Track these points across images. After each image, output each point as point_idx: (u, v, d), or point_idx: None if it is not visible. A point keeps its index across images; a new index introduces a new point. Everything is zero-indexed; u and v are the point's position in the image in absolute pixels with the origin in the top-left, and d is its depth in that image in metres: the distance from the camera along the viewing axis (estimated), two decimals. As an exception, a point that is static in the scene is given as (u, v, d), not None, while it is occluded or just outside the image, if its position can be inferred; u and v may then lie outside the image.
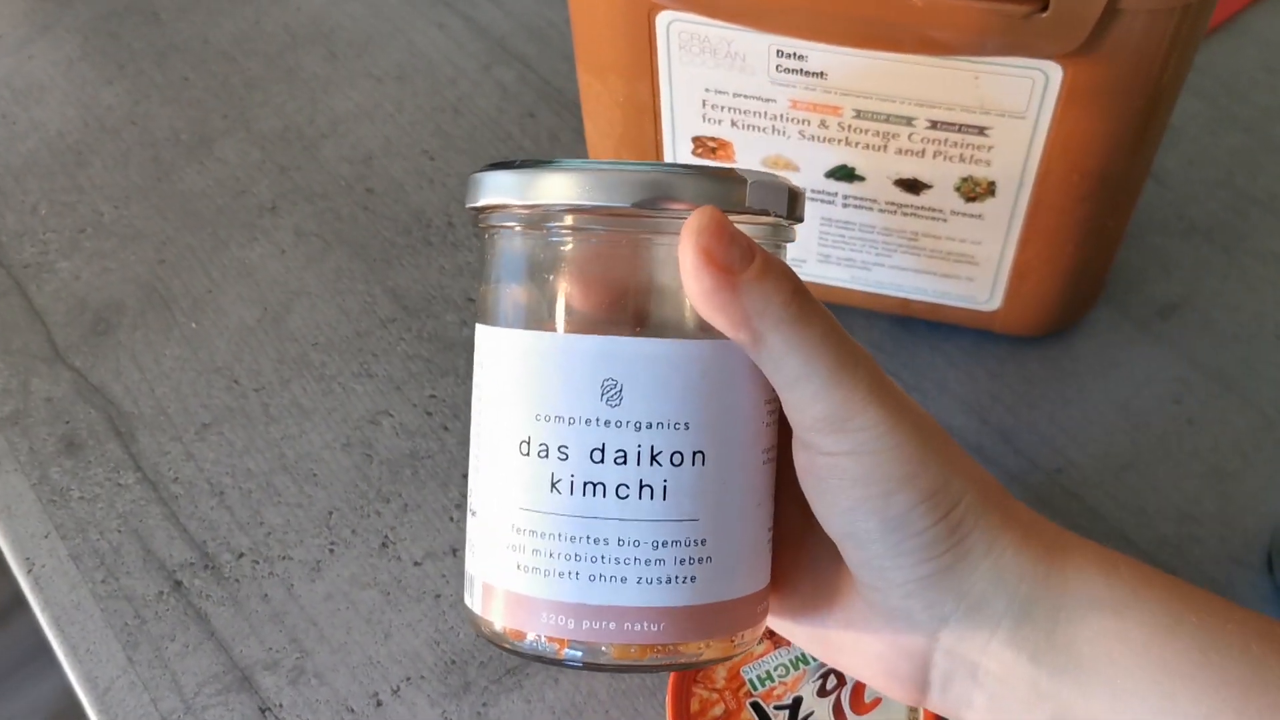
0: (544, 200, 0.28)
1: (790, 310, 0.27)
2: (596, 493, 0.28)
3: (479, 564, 0.30)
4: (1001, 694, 0.29)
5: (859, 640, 0.31)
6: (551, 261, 0.29)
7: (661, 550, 0.28)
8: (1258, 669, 0.27)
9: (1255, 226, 0.56)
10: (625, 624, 0.28)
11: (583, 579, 0.28)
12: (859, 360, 0.28)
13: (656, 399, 0.28)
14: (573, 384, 0.28)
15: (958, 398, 0.51)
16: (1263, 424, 0.49)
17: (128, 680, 0.45)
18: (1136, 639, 0.28)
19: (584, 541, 0.28)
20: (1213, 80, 0.61)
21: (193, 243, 0.57)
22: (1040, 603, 0.29)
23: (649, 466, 0.28)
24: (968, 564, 0.29)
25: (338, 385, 0.52)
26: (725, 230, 0.27)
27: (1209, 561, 0.46)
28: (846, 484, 0.28)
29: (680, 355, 0.28)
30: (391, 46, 0.65)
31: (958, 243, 0.46)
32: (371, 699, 0.44)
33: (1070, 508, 0.47)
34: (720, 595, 0.29)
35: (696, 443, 0.28)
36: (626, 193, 0.28)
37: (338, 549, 0.47)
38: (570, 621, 0.29)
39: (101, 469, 0.50)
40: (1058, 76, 0.39)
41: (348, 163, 0.60)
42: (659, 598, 0.28)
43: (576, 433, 0.28)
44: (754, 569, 0.30)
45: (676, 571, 0.28)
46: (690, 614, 0.29)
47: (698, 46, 0.42)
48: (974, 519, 0.29)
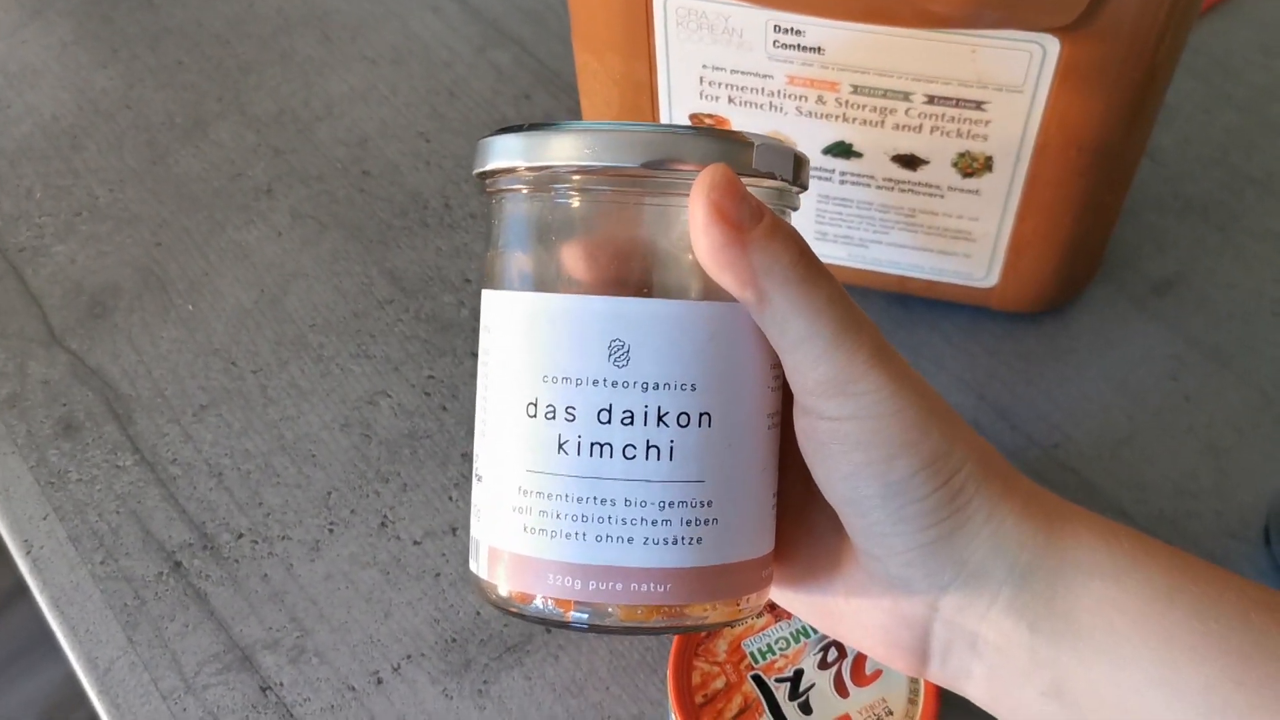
0: (551, 161, 0.28)
1: (797, 271, 0.27)
2: (603, 453, 0.28)
3: (485, 528, 0.30)
4: (1000, 664, 0.29)
5: (860, 611, 0.31)
6: (559, 223, 0.29)
7: (668, 511, 0.28)
8: (1258, 638, 0.27)
9: (1250, 205, 0.56)
10: (632, 584, 0.28)
11: (589, 539, 0.28)
12: (863, 325, 0.28)
13: (664, 360, 0.28)
14: (580, 345, 0.28)
15: (955, 374, 0.51)
16: (1259, 400, 0.50)
17: (128, 660, 0.45)
18: (1135, 607, 0.28)
19: (591, 502, 0.28)
20: (1208, 60, 0.62)
21: (189, 225, 0.57)
22: (1040, 571, 0.29)
23: (656, 427, 0.28)
24: (968, 531, 0.29)
25: (335, 366, 0.52)
26: (736, 187, 0.27)
27: (1206, 536, 0.46)
28: (848, 449, 0.28)
29: (688, 316, 0.28)
30: (386, 29, 0.65)
31: (955, 219, 0.47)
32: (372, 677, 0.44)
33: (1067, 483, 0.48)
34: (726, 558, 0.29)
35: (703, 404, 0.28)
36: (634, 153, 0.28)
37: (337, 529, 0.47)
38: (577, 582, 0.29)
39: (99, 451, 0.50)
40: (1055, 50, 0.39)
41: (343, 145, 0.60)
42: (665, 558, 0.28)
43: (584, 393, 0.28)
44: (759, 533, 0.30)
45: (683, 533, 0.29)
46: (696, 575, 0.29)
47: (695, 23, 0.42)
48: (975, 486, 0.29)
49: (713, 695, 0.37)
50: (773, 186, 0.30)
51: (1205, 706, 0.27)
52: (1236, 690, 0.27)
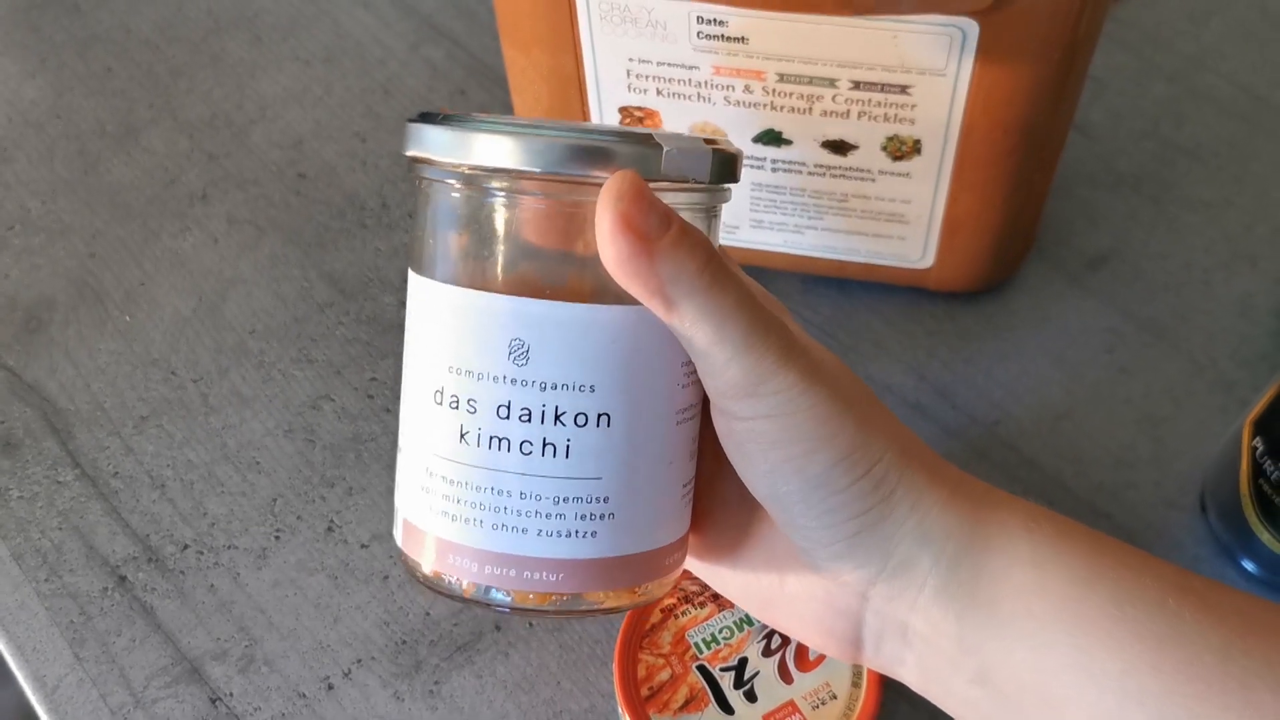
0: (467, 160, 0.28)
1: (703, 279, 0.28)
2: (501, 447, 0.29)
3: (402, 499, 0.31)
4: (929, 653, 0.30)
5: (795, 601, 0.31)
6: (472, 219, 0.30)
7: (562, 505, 0.29)
8: (1174, 623, 0.28)
9: (1182, 175, 0.57)
10: (525, 572, 0.29)
11: (486, 526, 0.29)
12: (770, 326, 0.28)
13: (562, 362, 0.29)
14: (483, 341, 0.29)
15: (895, 356, 0.51)
16: (1193, 370, 0.50)
17: (76, 677, 0.44)
18: (1054, 592, 0.28)
19: (488, 492, 0.29)
20: (1137, 32, 0.62)
21: (123, 235, 0.57)
22: (965, 560, 0.29)
23: (553, 425, 0.29)
24: (892, 522, 0.29)
25: (277, 372, 0.52)
26: (643, 196, 0.27)
27: (1144, 506, 0.47)
28: (764, 447, 0.29)
29: (589, 320, 0.29)
30: (317, 28, 0.65)
31: (887, 202, 0.47)
32: (323, 683, 0.44)
33: (1008, 459, 0.48)
34: (623, 550, 0.30)
35: (602, 405, 0.29)
36: (542, 159, 0.28)
37: (283, 536, 0.47)
38: (473, 565, 0.29)
39: (39, 467, 0.49)
40: (974, 33, 0.39)
41: (278, 148, 0.60)
42: (558, 550, 0.29)
43: (485, 388, 0.29)
44: (663, 524, 0.31)
45: (577, 526, 0.29)
46: (590, 566, 0.30)
47: (618, 16, 0.42)
48: (897, 476, 0.29)
49: (659, 687, 0.37)
50: (689, 190, 0.30)
51: (1121, 691, 0.27)
52: (1153, 675, 0.27)
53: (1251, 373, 0.50)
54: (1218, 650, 0.27)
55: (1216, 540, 0.46)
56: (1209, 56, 0.61)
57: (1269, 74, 0.60)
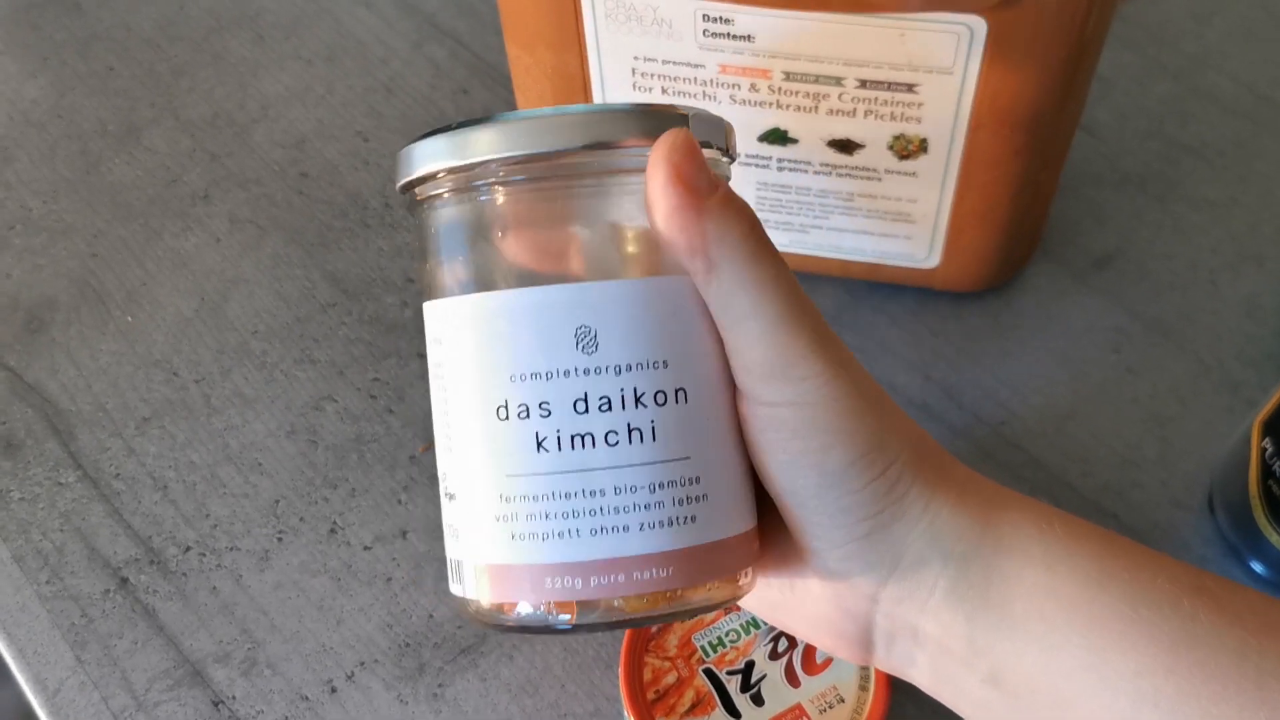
0: (484, 157, 0.28)
1: (748, 245, 0.27)
2: (585, 444, 0.27)
3: (465, 548, 0.29)
4: (941, 654, 0.30)
5: (804, 603, 0.31)
6: (499, 220, 0.29)
7: (659, 493, 0.28)
8: (1188, 624, 0.27)
9: (1187, 174, 0.56)
10: (634, 574, 0.27)
11: (584, 535, 0.27)
12: (806, 310, 0.28)
13: (632, 340, 0.28)
14: (545, 337, 0.27)
15: (901, 356, 0.51)
16: (1199, 369, 0.50)
17: (78, 680, 0.44)
18: (1066, 594, 0.28)
19: (580, 496, 0.27)
20: (1141, 31, 0.62)
21: (125, 235, 0.56)
22: (976, 561, 0.29)
23: (635, 409, 0.28)
24: (904, 524, 0.29)
25: (279, 373, 0.52)
26: (697, 153, 0.27)
27: (1151, 506, 0.47)
28: (785, 436, 0.28)
29: (649, 293, 0.28)
30: (319, 27, 0.64)
31: (894, 201, 0.47)
32: (325, 686, 0.43)
33: (1014, 459, 0.48)
34: (721, 533, 0.29)
35: (677, 380, 0.28)
36: (572, 136, 0.27)
37: (286, 537, 0.47)
38: (578, 581, 0.27)
39: (41, 469, 0.49)
40: (982, 30, 0.39)
41: (280, 147, 0.59)
42: (664, 542, 0.28)
43: (556, 386, 0.27)
44: (745, 505, 0.30)
45: (676, 513, 0.28)
46: (695, 555, 0.28)
47: (623, 14, 0.42)
48: (910, 477, 0.29)
49: (665, 690, 0.37)
50: (711, 157, 0.29)
51: (1135, 692, 0.27)
52: (1166, 678, 0.27)
53: (1258, 372, 0.50)
54: (1233, 651, 0.27)
55: (1224, 541, 0.45)
56: (1213, 55, 0.61)
57: (1273, 72, 0.60)
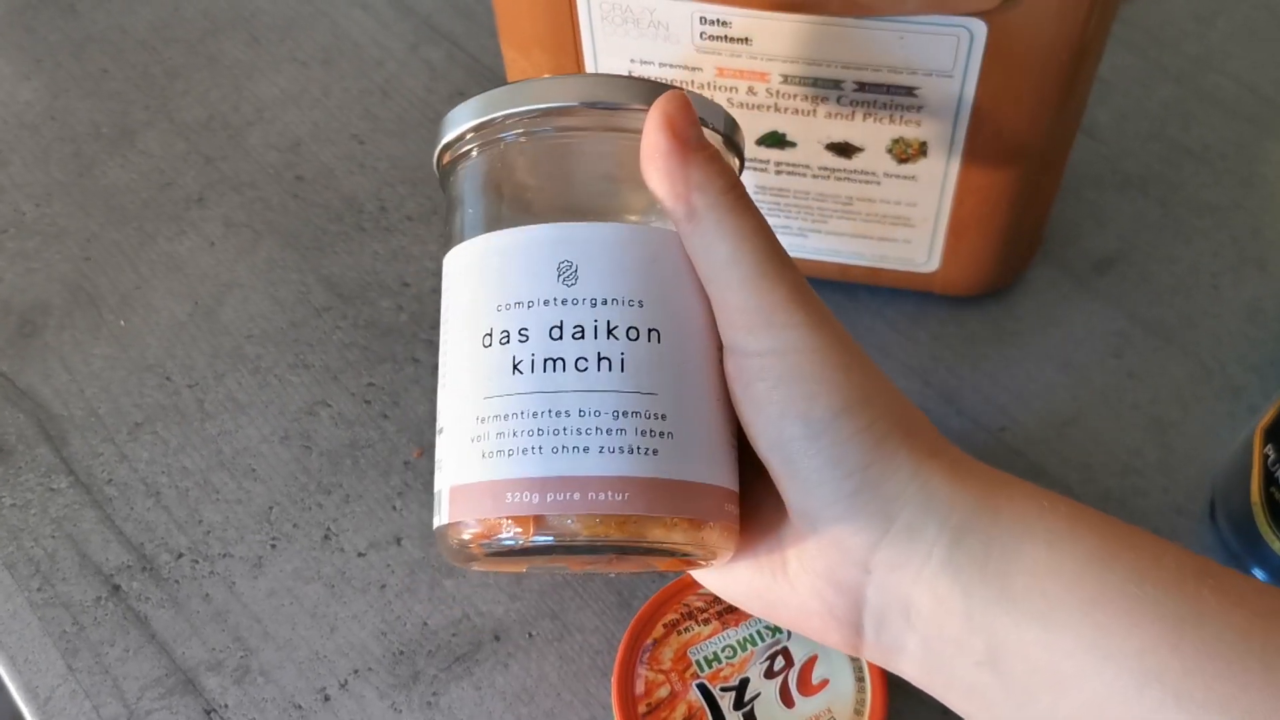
0: (503, 111, 0.31)
1: (729, 196, 0.29)
2: (556, 368, 0.29)
3: (445, 475, 0.30)
4: (934, 634, 0.29)
5: (795, 584, 0.31)
6: (508, 169, 0.32)
7: (622, 420, 0.29)
8: (1194, 603, 0.27)
9: (1189, 177, 0.56)
10: (590, 493, 0.28)
11: (546, 452, 0.28)
12: (786, 264, 0.29)
13: (611, 277, 0.29)
14: (531, 269, 0.30)
15: (900, 361, 0.50)
16: (1201, 374, 0.50)
17: (69, 688, 0.44)
18: (1070, 572, 0.28)
19: (546, 415, 0.29)
20: (1142, 33, 0.62)
21: (118, 238, 0.56)
22: (973, 533, 0.28)
23: (606, 340, 0.29)
24: (895, 483, 0.28)
25: (274, 377, 0.51)
26: (690, 108, 0.29)
27: (1153, 512, 0.46)
28: (770, 385, 0.29)
29: (632, 238, 0.30)
30: (315, 29, 0.64)
31: (893, 205, 0.46)
32: (319, 694, 0.43)
33: (1015, 465, 0.47)
34: (684, 474, 0.29)
35: (651, 320, 0.29)
36: (574, 95, 0.31)
37: (279, 544, 0.47)
38: (535, 496, 0.28)
39: (33, 474, 0.49)
40: (982, 33, 0.39)
41: (275, 150, 0.59)
42: (622, 466, 0.28)
43: (535, 314, 0.29)
44: (717, 460, 0.30)
45: (638, 442, 0.29)
46: (654, 485, 0.29)
47: (619, 16, 0.41)
48: (900, 437, 0.29)
49: (657, 704, 0.37)
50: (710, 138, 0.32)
51: (1140, 670, 0.26)
52: (1172, 654, 0.26)
53: (1260, 378, 0.49)
54: (1239, 629, 0.26)
55: (1226, 548, 0.45)
56: (1215, 57, 0.60)
57: (1276, 74, 0.59)
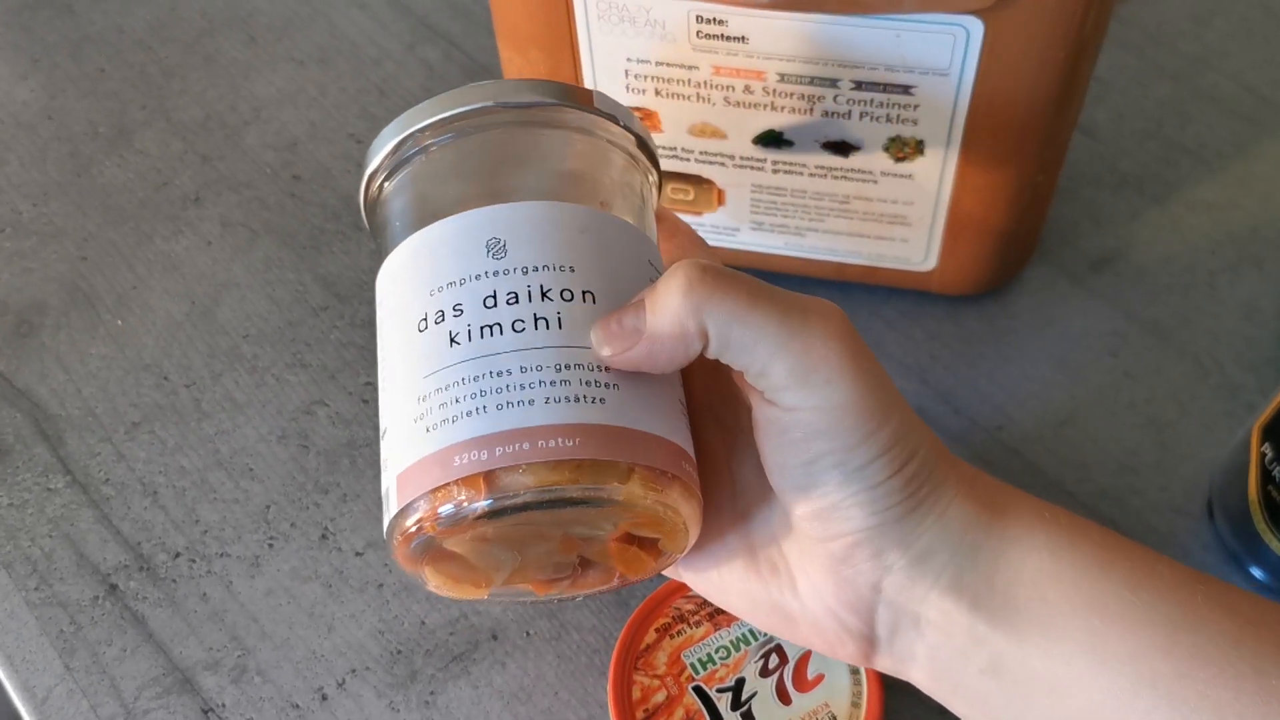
0: (420, 124, 0.32)
1: (704, 289, 0.28)
2: (493, 332, 0.29)
3: (391, 469, 0.30)
4: (941, 643, 0.30)
5: (807, 604, 0.31)
6: (429, 173, 0.32)
7: (565, 373, 0.29)
8: (1187, 611, 0.28)
9: (1186, 176, 0.56)
10: (539, 442, 0.28)
11: (490, 410, 0.28)
12: (808, 310, 0.28)
13: (540, 246, 0.30)
14: (460, 251, 0.30)
15: (897, 360, 0.50)
16: (1198, 373, 0.50)
17: (66, 688, 0.44)
18: (1068, 579, 0.29)
19: (487, 378, 0.28)
20: (1139, 32, 0.62)
21: (115, 238, 0.56)
22: (982, 549, 0.29)
23: (541, 302, 0.29)
24: (916, 516, 0.29)
25: (271, 377, 0.51)
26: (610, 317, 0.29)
27: (1149, 511, 0.46)
28: (809, 436, 0.28)
29: (557, 214, 0.30)
30: (312, 29, 0.64)
31: (889, 204, 0.46)
32: (316, 694, 0.43)
33: (1011, 464, 0.47)
34: (634, 423, 0.29)
35: (584, 283, 0.30)
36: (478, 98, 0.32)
37: (277, 543, 0.47)
38: (483, 453, 0.28)
39: (30, 474, 0.49)
40: (978, 31, 0.39)
41: (272, 150, 0.59)
42: (570, 415, 0.28)
43: (468, 289, 0.29)
44: (668, 419, 0.30)
45: (584, 391, 0.28)
46: (604, 431, 0.28)
47: (616, 15, 0.41)
48: (927, 472, 0.29)
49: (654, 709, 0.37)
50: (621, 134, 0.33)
51: (1133, 674, 0.27)
52: (1165, 659, 0.27)
53: (1257, 376, 0.49)
54: (1230, 637, 0.27)
55: (1224, 547, 0.45)
56: (1212, 56, 0.60)
57: (1273, 73, 0.59)
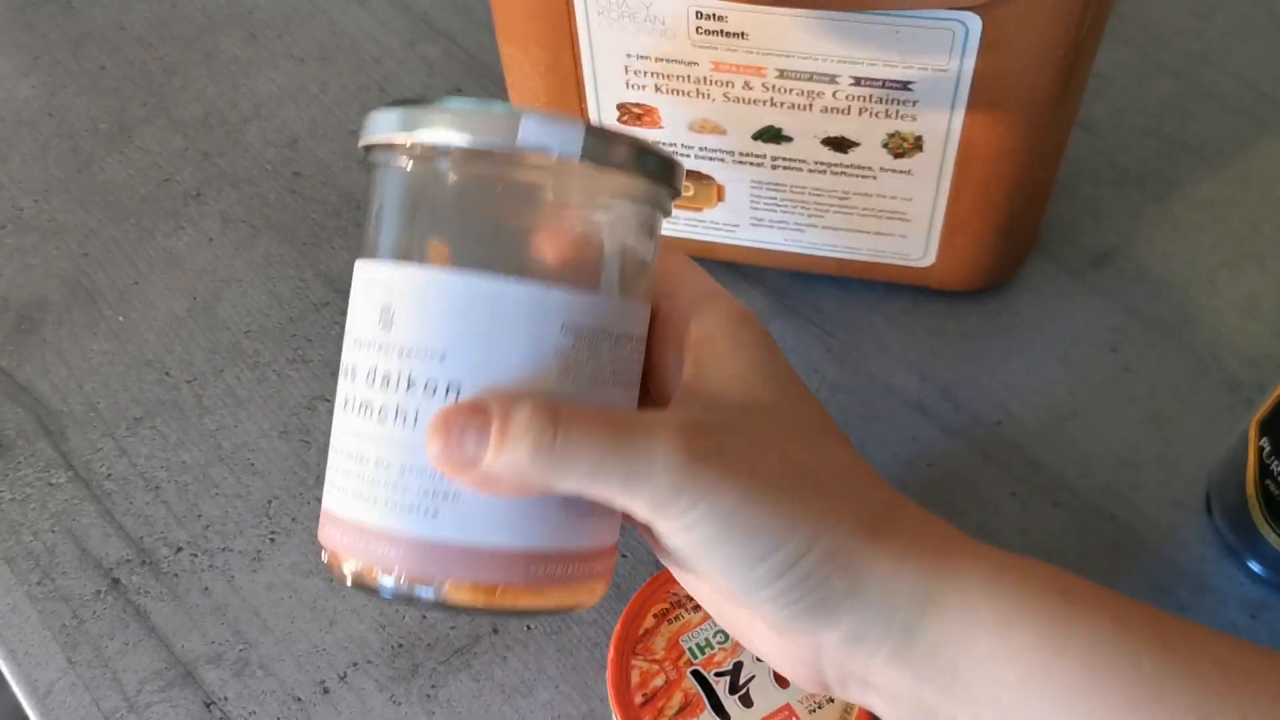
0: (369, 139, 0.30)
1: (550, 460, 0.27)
2: (367, 413, 0.29)
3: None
4: (892, 704, 0.30)
5: (760, 640, 0.32)
6: (367, 196, 0.31)
7: (406, 477, 0.28)
8: (1149, 685, 0.27)
9: (1186, 173, 0.56)
10: (370, 545, 0.29)
11: (349, 494, 0.29)
12: (653, 434, 0.27)
13: (417, 326, 0.28)
14: (365, 309, 0.29)
15: (897, 356, 0.51)
16: (1198, 368, 0.50)
17: (68, 682, 0.44)
18: (1022, 660, 0.28)
19: (355, 459, 0.29)
20: (1139, 28, 0.62)
21: (116, 234, 0.56)
22: (919, 629, 0.28)
23: (405, 392, 0.28)
24: (828, 606, 0.29)
25: (272, 372, 0.51)
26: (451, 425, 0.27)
27: (1150, 506, 0.46)
28: (686, 556, 0.28)
29: (444, 285, 0.28)
30: (312, 26, 0.64)
31: (889, 200, 0.46)
32: (318, 687, 0.43)
33: (1012, 460, 0.48)
34: (468, 539, 0.29)
35: (451, 375, 0.28)
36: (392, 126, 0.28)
37: (278, 538, 0.47)
38: (336, 534, 0.29)
39: (32, 469, 0.49)
40: (977, 27, 0.39)
41: (273, 146, 0.59)
42: (398, 523, 0.28)
43: (363, 355, 0.29)
44: (528, 526, 0.29)
45: (418, 501, 0.28)
46: (428, 548, 0.28)
47: (616, 11, 0.41)
48: (828, 566, 0.28)
49: (653, 694, 0.37)
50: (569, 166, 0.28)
51: None
52: None
53: (1257, 372, 0.49)
54: (1196, 711, 0.26)
55: (1222, 541, 0.45)
56: (1213, 53, 0.60)
57: (1273, 70, 0.60)
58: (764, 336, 0.31)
